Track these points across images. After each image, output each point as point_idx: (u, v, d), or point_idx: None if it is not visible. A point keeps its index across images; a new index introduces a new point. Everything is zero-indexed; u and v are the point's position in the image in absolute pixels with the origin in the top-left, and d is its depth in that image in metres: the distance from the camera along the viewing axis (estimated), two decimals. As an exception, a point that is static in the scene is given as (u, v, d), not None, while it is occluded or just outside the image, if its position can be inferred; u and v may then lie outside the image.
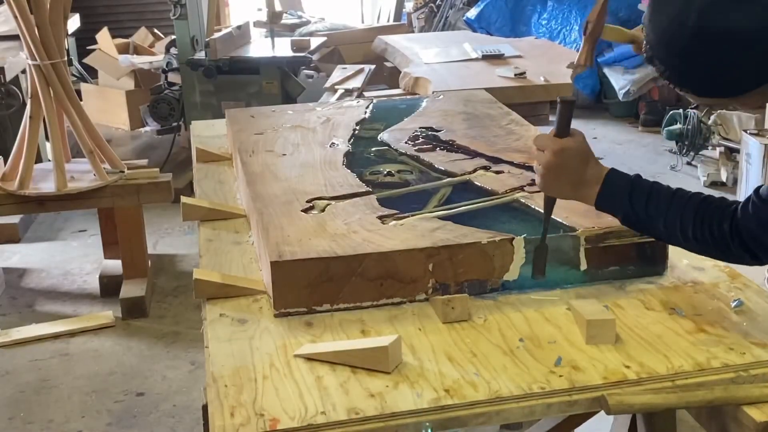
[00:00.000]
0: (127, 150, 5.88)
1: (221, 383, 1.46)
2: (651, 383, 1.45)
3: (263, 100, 4.71)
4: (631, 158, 5.75)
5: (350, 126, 2.60)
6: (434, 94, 3.23)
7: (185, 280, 4.04)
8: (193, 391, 3.21)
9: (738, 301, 1.69)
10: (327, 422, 1.35)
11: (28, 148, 3.62)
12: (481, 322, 1.64)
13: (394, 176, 2.16)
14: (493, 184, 2.05)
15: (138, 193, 3.73)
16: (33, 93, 3.61)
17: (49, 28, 3.54)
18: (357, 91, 4.65)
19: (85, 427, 3.06)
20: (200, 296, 1.76)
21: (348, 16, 8.16)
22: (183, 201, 2.17)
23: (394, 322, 1.65)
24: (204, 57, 4.90)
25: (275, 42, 5.19)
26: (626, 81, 6.33)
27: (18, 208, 3.83)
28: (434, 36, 6.05)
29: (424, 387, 1.43)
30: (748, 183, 4.69)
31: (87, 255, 4.48)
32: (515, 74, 4.18)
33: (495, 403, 1.40)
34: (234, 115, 2.78)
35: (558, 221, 1.81)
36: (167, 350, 3.55)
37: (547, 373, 1.47)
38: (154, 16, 7.32)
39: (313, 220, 1.87)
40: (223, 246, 2.00)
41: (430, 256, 1.69)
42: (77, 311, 3.91)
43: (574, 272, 1.77)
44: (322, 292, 1.67)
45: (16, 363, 3.47)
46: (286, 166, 2.24)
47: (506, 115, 2.69)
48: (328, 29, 6.77)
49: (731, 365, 1.48)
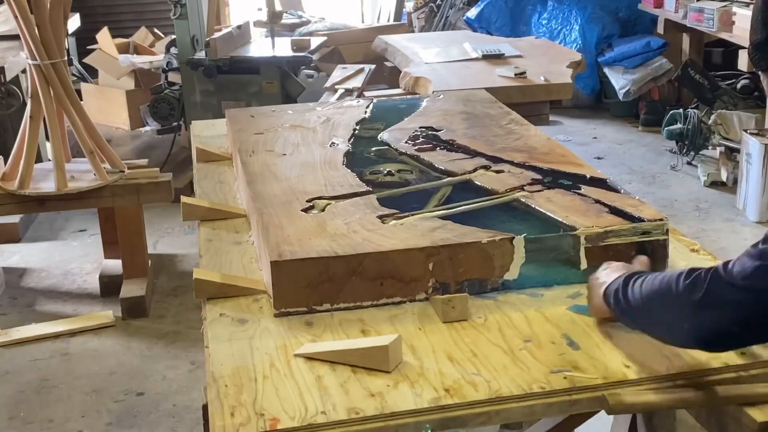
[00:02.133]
0: (127, 150, 5.88)
1: (221, 383, 1.46)
2: (651, 383, 1.45)
3: (263, 100, 4.71)
4: (631, 158, 5.75)
5: (350, 126, 2.60)
6: (434, 94, 3.23)
7: (185, 280, 4.04)
8: (193, 391, 3.21)
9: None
10: (327, 422, 1.35)
11: (28, 148, 3.62)
12: (481, 321, 1.64)
13: (394, 176, 2.16)
14: (493, 184, 2.05)
15: (138, 193, 3.73)
16: (33, 93, 3.61)
17: (49, 28, 3.54)
18: (357, 91, 4.65)
19: (85, 427, 3.06)
20: (200, 296, 1.76)
21: (348, 16, 8.16)
22: (183, 201, 2.17)
23: (394, 321, 1.65)
24: (204, 57, 4.90)
25: (275, 42, 5.18)
26: (626, 81, 6.33)
27: (18, 208, 3.83)
28: (434, 36, 6.05)
29: (424, 387, 1.43)
30: (748, 183, 4.69)
31: (87, 255, 4.48)
32: (515, 74, 4.18)
33: (495, 403, 1.40)
34: (234, 115, 2.78)
35: (558, 220, 1.81)
36: (167, 350, 3.54)
37: (547, 373, 1.46)
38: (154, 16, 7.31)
39: (313, 219, 1.87)
40: (223, 246, 2.00)
41: (430, 255, 1.69)
42: (77, 311, 3.91)
43: (574, 271, 1.77)
44: (322, 292, 1.67)
45: (16, 363, 3.47)
46: (286, 166, 2.24)
47: (506, 114, 2.69)
48: (328, 29, 6.76)
49: (731, 365, 1.48)
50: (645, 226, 1.78)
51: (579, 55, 4.74)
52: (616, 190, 1.98)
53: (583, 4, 6.75)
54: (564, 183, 2.04)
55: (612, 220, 1.80)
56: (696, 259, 1.88)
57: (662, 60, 6.34)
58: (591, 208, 1.87)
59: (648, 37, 6.51)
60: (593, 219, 1.80)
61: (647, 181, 5.34)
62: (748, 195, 4.72)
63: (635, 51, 6.41)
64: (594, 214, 1.83)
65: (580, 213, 1.84)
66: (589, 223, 1.79)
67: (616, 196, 1.93)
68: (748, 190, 4.71)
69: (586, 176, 2.08)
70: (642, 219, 1.80)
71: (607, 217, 1.82)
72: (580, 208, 1.87)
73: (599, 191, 1.97)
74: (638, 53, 6.39)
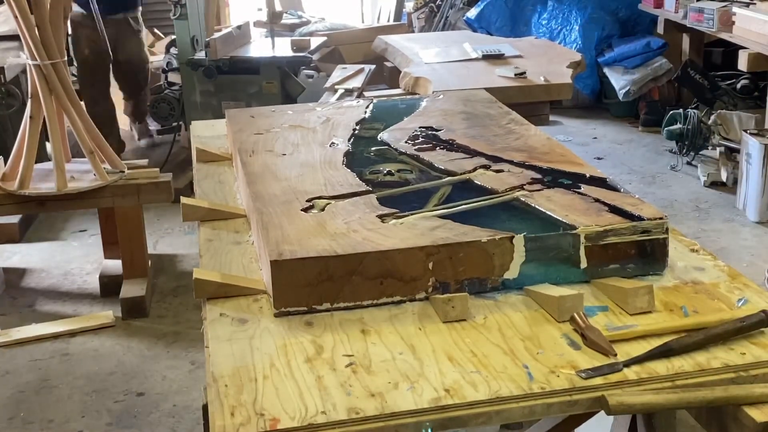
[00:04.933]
0: (127, 150, 5.88)
1: (221, 383, 1.46)
2: (651, 383, 1.45)
3: (263, 100, 4.71)
4: (631, 158, 5.75)
5: (350, 126, 2.60)
6: (434, 94, 3.22)
7: (185, 280, 4.04)
8: (193, 391, 3.21)
9: (743, 300, 1.68)
10: (327, 422, 1.35)
11: (28, 148, 3.62)
12: (482, 321, 1.64)
13: (394, 175, 2.16)
14: (492, 183, 2.05)
15: (138, 193, 3.73)
16: (33, 93, 3.61)
17: (49, 28, 3.54)
18: (357, 91, 4.65)
19: (85, 427, 3.06)
20: (200, 296, 1.76)
21: (348, 16, 8.17)
22: (183, 201, 2.17)
23: (395, 321, 1.65)
24: (204, 57, 4.90)
25: (275, 42, 5.18)
26: (626, 81, 6.33)
27: (18, 208, 3.83)
28: (434, 36, 6.05)
29: (424, 387, 1.43)
30: (749, 183, 4.69)
31: (87, 255, 4.48)
32: (515, 74, 4.18)
33: (495, 403, 1.40)
34: (234, 115, 2.78)
35: (558, 219, 1.81)
36: (167, 350, 3.54)
37: (547, 373, 1.46)
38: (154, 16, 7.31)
39: (313, 219, 1.87)
40: (223, 246, 2.00)
41: (430, 254, 1.69)
42: (77, 311, 3.91)
43: (574, 270, 1.76)
44: (322, 292, 1.67)
45: (16, 363, 3.47)
46: (286, 166, 2.24)
47: (506, 114, 2.69)
48: (328, 29, 6.77)
49: (731, 365, 1.48)
50: (645, 224, 1.78)
51: (579, 56, 4.74)
52: (616, 189, 1.98)
53: (583, 4, 6.75)
54: (564, 182, 2.04)
55: (612, 219, 1.80)
56: (695, 259, 1.88)
57: (662, 60, 6.34)
58: (591, 207, 1.87)
59: (648, 37, 6.51)
60: (593, 218, 1.80)
61: (647, 181, 5.34)
62: (747, 195, 4.72)
63: (635, 51, 6.41)
64: (594, 213, 1.83)
65: (580, 212, 1.83)
66: (589, 222, 1.79)
67: (615, 195, 1.93)
68: (748, 191, 4.71)
69: (585, 175, 2.08)
70: (642, 218, 1.80)
71: (606, 216, 1.82)
72: (579, 207, 1.87)
73: (599, 190, 1.97)
74: (638, 53, 6.39)
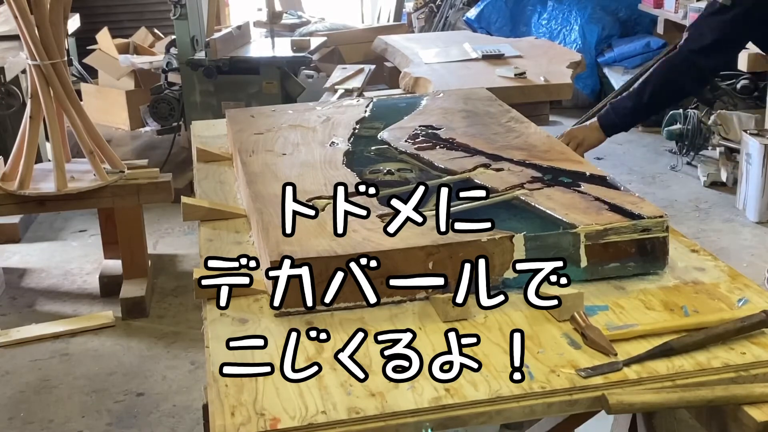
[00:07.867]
0: (127, 150, 5.89)
1: (222, 383, 1.46)
2: (651, 383, 1.44)
3: (263, 100, 4.71)
4: (631, 158, 5.75)
5: (350, 125, 2.60)
6: (434, 93, 3.22)
7: (185, 280, 4.04)
8: (193, 391, 3.21)
9: (744, 300, 1.68)
10: (327, 422, 1.35)
11: (28, 148, 3.62)
12: (482, 321, 1.64)
13: (394, 175, 2.16)
14: (493, 182, 2.05)
15: (138, 193, 3.73)
16: (33, 93, 3.61)
17: (49, 28, 3.54)
18: (357, 91, 4.65)
19: (85, 427, 3.06)
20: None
21: (348, 16, 8.17)
22: (183, 201, 2.16)
23: (395, 321, 1.65)
24: (204, 57, 4.90)
25: (275, 42, 5.18)
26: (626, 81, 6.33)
27: (18, 208, 3.83)
28: (434, 36, 6.05)
29: (424, 386, 1.43)
30: (749, 183, 4.69)
31: (87, 255, 4.48)
32: (515, 74, 4.18)
33: (495, 403, 1.40)
34: (234, 115, 2.77)
35: (558, 218, 1.81)
36: (167, 350, 3.54)
37: (547, 372, 1.46)
38: (154, 16, 7.32)
39: (312, 219, 1.86)
40: (223, 246, 2.00)
41: (430, 254, 1.69)
42: (77, 311, 3.91)
43: (574, 269, 1.76)
44: (322, 292, 1.67)
45: (16, 363, 3.46)
46: (286, 166, 2.24)
47: (506, 112, 2.69)
48: (328, 29, 6.76)
49: (731, 365, 1.48)
50: (645, 223, 1.78)
51: (579, 56, 4.74)
52: (616, 188, 1.97)
53: (583, 4, 6.76)
54: (564, 180, 2.04)
55: (612, 217, 1.80)
56: (696, 259, 1.88)
57: (662, 60, 6.33)
58: (591, 206, 1.87)
59: (648, 37, 6.51)
60: (593, 216, 1.80)
61: (647, 181, 5.34)
62: (747, 195, 4.72)
63: (635, 51, 6.41)
64: (594, 212, 1.83)
65: (580, 210, 1.83)
66: (589, 220, 1.78)
67: (615, 194, 1.93)
68: (748, 191, 4.71)
69: (585, 174, 2.08)
70: (642, 216, 1.80)
71: (607, 215, 1.81)
72: (580, 206, 1.87)
73: (599, 188, 1.97)
74: (638, 53, 6.40)
